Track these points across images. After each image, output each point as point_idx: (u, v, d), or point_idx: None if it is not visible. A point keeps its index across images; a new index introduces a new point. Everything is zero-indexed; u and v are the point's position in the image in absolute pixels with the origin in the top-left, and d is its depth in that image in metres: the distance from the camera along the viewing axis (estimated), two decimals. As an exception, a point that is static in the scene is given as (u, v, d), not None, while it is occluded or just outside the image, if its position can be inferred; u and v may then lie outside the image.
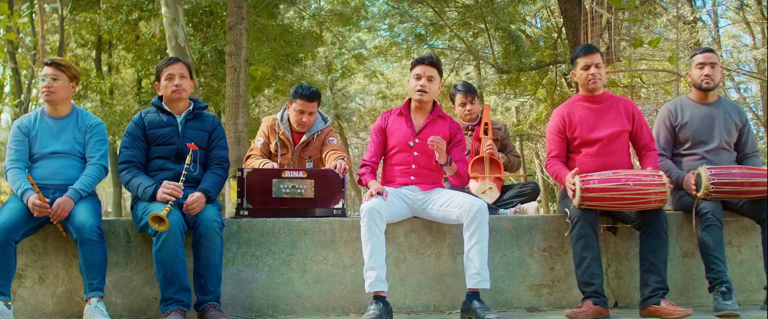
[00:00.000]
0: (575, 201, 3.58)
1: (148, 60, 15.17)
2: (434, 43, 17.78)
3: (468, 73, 20.64)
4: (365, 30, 19.42)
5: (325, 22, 16.96)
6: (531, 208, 4.54)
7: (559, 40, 14.67)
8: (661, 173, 3.56)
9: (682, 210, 4.07)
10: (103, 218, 3.64)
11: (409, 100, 3.96)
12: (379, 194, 3.61)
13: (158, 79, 3.83)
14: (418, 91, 3.83)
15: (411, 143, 3.86)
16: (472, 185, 4.71)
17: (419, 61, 3.84)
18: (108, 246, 3.67)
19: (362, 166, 3.91)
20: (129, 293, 3.73)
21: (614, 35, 7.43)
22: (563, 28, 12.17)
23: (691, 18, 16.59)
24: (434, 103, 3.96)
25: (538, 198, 4.90)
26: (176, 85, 3.77)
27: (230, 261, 3.79)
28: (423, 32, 16.51)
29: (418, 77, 3.84)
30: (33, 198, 3.43)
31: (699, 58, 4.16)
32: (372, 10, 18.26)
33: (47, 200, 3.45)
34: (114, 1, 14.12)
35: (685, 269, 4.05)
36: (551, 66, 15.36)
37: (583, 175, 3.61)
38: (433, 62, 3.84)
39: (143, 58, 15.49)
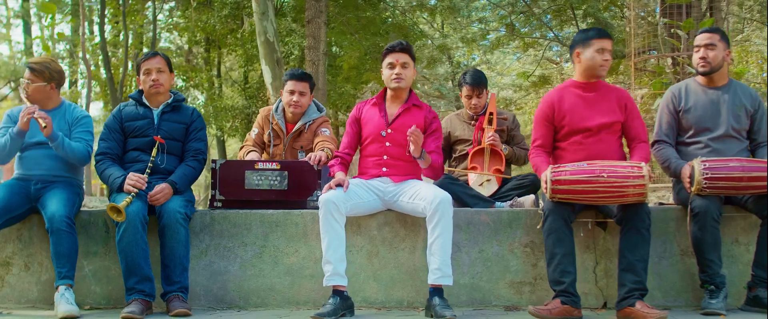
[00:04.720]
0: (547, 193, 3.35)
1: (254, 55, 15.35)
2: (523, 31, 17.25)
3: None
4: (477, 21, 19.06)
5: (436, 12, 16.70)
6: (528, 201, 4.30)
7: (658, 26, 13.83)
8: (642, 164, 3.26)
9: (682, 205, 3.74)
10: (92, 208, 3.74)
11: (385, 89, 3.84)
12: (338, 185, 3.52)
13: (138, 73, 3.91)
14: (394, 79, 3.71)
15: (383, 133, 3.73)
16: (470, 176, 4.53)
17: (390, 50, 3.72)
18: (87, 236, 3.80)
19: (334, 157, 3.84)
20: (107, 282, 3.82)
21: (661, 18, 6.97)
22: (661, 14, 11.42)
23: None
24: (410, 91, 3.83)
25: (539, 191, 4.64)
26: (153, 80, 3.84)
27: (203, 252, 3.81)
28: (520, 18, 15.92)
29: (392, 66, 3.72)
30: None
31: (696, 39, 3.80)
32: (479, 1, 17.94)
33: None
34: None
35: (683, 268, 3.71)
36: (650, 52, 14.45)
37: (556, 166, 3.37)
38: (405, 48, 3.71)
39: (246, 53, 15.85)
